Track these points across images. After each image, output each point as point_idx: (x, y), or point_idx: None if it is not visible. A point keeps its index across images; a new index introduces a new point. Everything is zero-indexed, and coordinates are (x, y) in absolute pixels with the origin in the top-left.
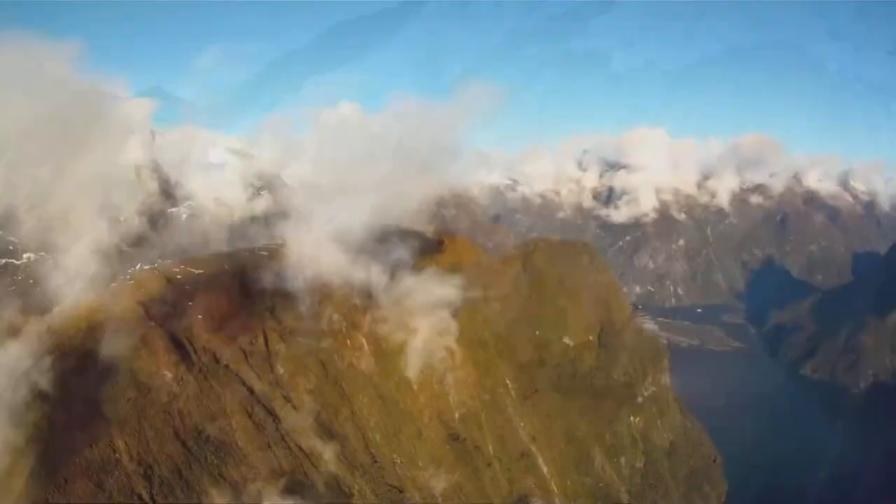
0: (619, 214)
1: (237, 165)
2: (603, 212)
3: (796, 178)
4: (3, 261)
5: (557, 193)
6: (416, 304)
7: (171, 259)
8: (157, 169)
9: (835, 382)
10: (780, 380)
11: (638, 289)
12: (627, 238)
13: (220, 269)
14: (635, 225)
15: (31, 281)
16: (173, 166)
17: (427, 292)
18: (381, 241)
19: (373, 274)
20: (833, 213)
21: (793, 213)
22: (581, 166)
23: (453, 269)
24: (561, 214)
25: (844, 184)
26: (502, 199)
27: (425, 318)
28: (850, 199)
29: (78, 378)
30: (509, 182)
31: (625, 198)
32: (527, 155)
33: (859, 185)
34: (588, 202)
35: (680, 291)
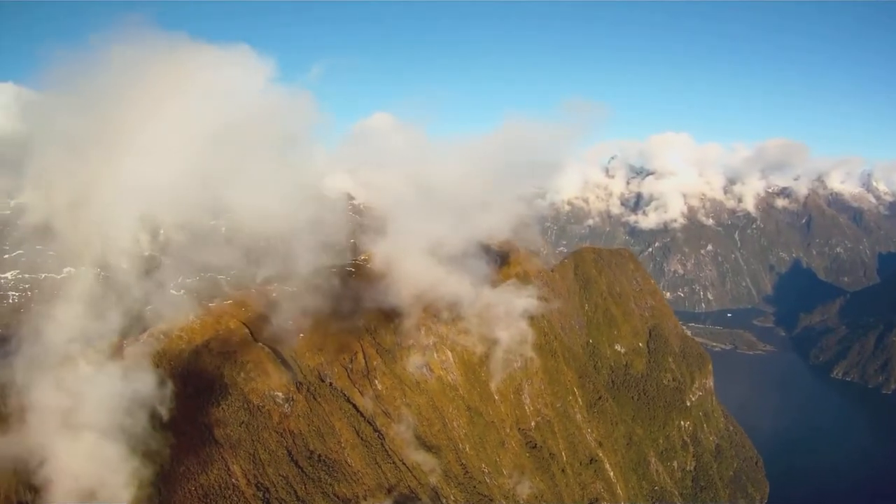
0: (648, 221)
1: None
2: (631, 218)
3: (820, 180)
4: (43, 275)
5: (585, 200)
6: (496, 316)
7: (211, 273)
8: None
9: (865, 384)
10: (813, 382)
11: (668, 294)
12: (657, 244)
13: (312, 287)
14: (664, 231)
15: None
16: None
17: (506, 303)
18: (465, 255)
19: (458, 288)
20: (856, 215)
21: (818, 216)
22: (608, 173)
23: (521, 279)
24: (589, 221)
25: (867, 185)
26: (530, 207)
27: (505, 329)
28: (872, 199)
29: (189, 402)
30: (537, 189)
31: (653, 203)
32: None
33: (881, 186)
34: (616, 209)
35: (710, 296)
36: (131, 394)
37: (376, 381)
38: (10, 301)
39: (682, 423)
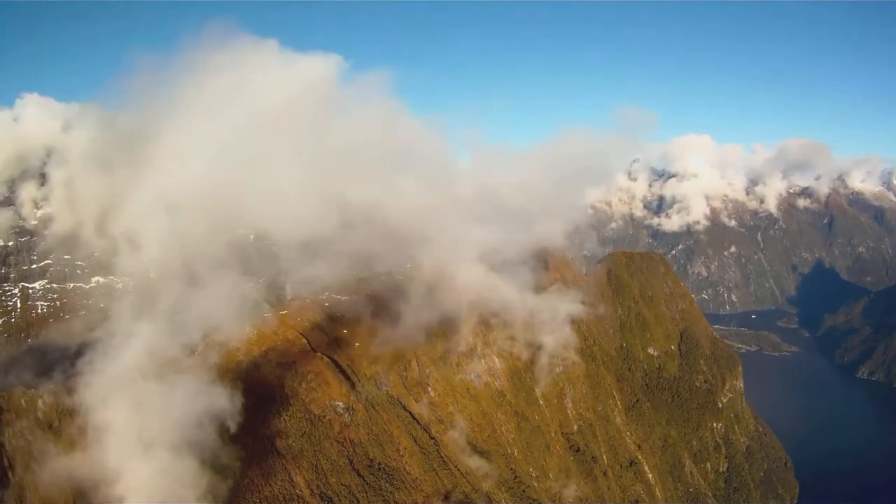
0: (671, 223)
1: None
2: (654, 221)
3: (840, 179)
4: (72, 285)
5: (608, 204)
6: (541, 321)
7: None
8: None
9: (891, 384)
10: (839, 383)
11: (693, 297)
12: (680, 247)
13: (363, 295)
14: (687, 233)
15: (102, 305)
16: None
17: (551, 309)
18: (512, 263)
19: (506, 295)
20: (878, 213)
21: (839, 215)
22: (630, 176)
23: (563, 285)
24: (613, 225)
25: (888, 183)
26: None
27: (550, 334)
28: (893, 198)
29: (250, 414)
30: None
31: (675, 206)
32: None
33: None
34: (639, 211)
35: (734, 298)
36: (199, 408)
37: (430, 389)
38: (40, 311)
39: (714, 424)
